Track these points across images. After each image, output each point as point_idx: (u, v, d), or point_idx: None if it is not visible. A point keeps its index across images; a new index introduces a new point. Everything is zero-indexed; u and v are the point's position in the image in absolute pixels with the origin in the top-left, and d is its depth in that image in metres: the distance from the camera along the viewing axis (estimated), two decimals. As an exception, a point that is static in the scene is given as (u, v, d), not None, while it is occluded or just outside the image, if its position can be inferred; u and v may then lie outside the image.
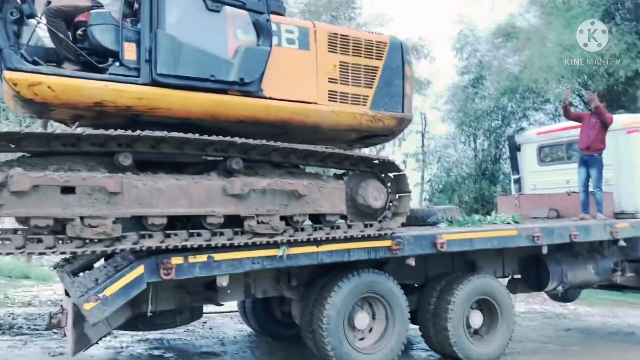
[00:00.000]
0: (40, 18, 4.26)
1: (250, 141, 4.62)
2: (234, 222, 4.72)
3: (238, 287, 5.34)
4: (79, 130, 4.36)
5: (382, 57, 5.51)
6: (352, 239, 5.25)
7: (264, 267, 4.97)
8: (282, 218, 4.86)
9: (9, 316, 8.50)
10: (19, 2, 4.20)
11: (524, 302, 10.72)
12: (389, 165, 5.49)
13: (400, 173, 5.54)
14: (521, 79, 16.67)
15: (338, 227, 5.24)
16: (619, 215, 7.24)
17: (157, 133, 4.26)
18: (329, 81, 5.23)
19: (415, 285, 6.31)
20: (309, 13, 16.81)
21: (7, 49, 3.92)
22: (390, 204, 5.54)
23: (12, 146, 4.08)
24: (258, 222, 4.70)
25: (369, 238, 5.34)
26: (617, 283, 7.52)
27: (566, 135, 8.17)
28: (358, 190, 5.32)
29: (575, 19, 14.27)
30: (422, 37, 19.86)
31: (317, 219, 5.16)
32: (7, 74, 3.93)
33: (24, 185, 3.78)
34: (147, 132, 4.17)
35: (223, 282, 4.84)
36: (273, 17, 4.89)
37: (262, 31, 4.75)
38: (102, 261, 5.49)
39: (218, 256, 4.66)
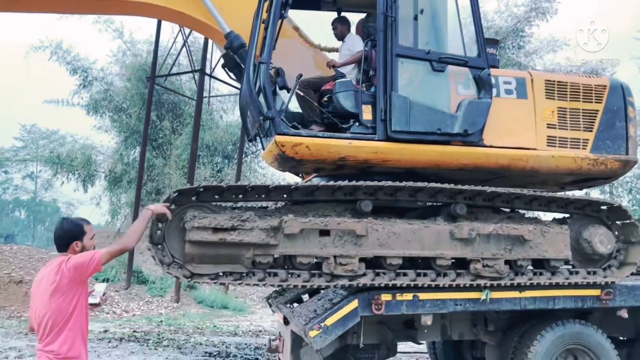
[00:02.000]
0: (294, 89, 5.17)
1: (479, 188, 5.06)
2: (459, 264, 5.15)
3: (436, 327, 5.45)
4: (328, 183, 5.08)
5: (601, 100, 5.61)
6: (557, 286, 5.27)
7: (466, 309, 5.16)
8: (506, 262, 5.15)
9: (223, 344, 9.64)
10: (273, 76, 5.19)
11: None
12: (618, 211, 5.49)
13: (631, 221, 5.46)
14: None
15: (560, 273, 5.35)
16: None
17: (397, 183, 4.92)
18: (548, 127, 5.46)
19: (623, 338, 6.07)
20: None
21: (277, 118, 4.98)
22: (617, 252, 5.50)
23: (285, 196, 5.09)
24: (483, 266, 5.06)
25: (575, 286, 5.32)
26: None
27: None
28: (583, 235, 5.39)
29: None
30: (603, 59, 18.82)
31: (540, 264, 5.36)
32: (278, 137, 4.93)
33: (295, 229, 4.71)
34: (389, 182, 4.87)
35: (428, 321, 5.11)
36: (491, 70, 5.34)
37: (483, 85, 5.23)
38: (307, 295, 6.18)
39: (423, 295, 4.97)
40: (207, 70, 16.66)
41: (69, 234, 3.48)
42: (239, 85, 19.54)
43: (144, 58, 22.82)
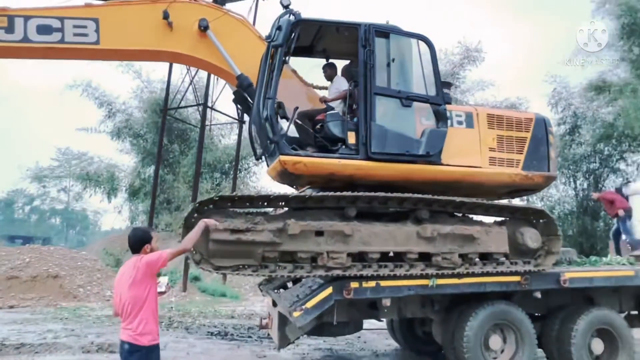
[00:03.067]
0: (292, 119, 5.17)
1: (434, 197, 5.10)
2: (423, 258, 5.14)
3: (393, 308, 5.39)
4: (324, 193, 5.02)
5: (529, 129, 5.67)
6: (487, 273, 5.25)
7: (417, 293, 5.16)
8: (460, 255, 5.19)
9: (222, 325, 9.43)
10: (276, 107, 5.14)
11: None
12: (540, 214, 5.60)
13: (551, 219, 5.55)
14: (616, 127, 15.70)
15: (502, 264, 5.37)
16: None
17: (372, 194, 4.94)
18: (489, 150, 5.49)
19: (538, 314, 6.04)
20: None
21: (281, 141, 4.96)
22: (543, 245, 5.54)
23: (283, 204, 5.05)
24: (442, 258, 5.10)
25: (501, 274, 5.31)
26: None
27: None
28: (517, 234, 5.44)
29: None
30: (520, 97, 19.53)
31: (486, 257, 5.38)
32: (281, 157, 4.91)
33: (296, 230, 4.71)
34: (364, 193, 4.90)
35: (387, 303, 5.12)
36: (447, 106, 5.39)
37: (441, 117, 5.28)
38: (291, 283, 6.01)
39: (383, 283, 4.96)
40: (209, 104, 16.62)
41: (141, 239, 3.57)
42: (235, 116, 19.46)
43: (157, 94, 22.71)
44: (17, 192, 60.75)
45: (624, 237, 7.88)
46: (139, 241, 3.54)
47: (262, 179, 24.69)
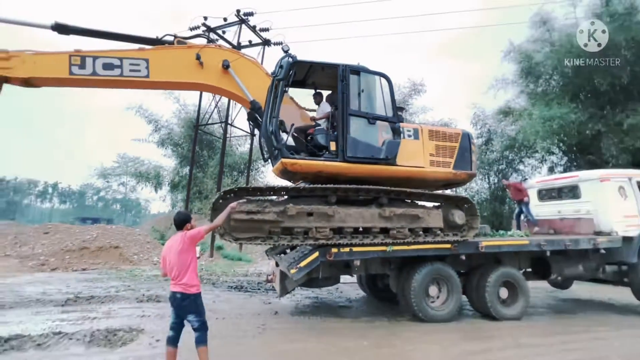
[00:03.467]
0: (290, 132, 5.16)
1: (391, 188, 5.16)
2: (383, 231, 5.22)
3: (362, 267, 5.47)
4: (314, 185, 5.08)
5: (458, 141, 5.72)
6: (427, 242, 5.30)
7: (379, 256, 5.23)
8: (409, 230, 5.25)
9: (239, 281, 9.26)
10: (278, 124, 5.07)
11: (532, 283, 9.77)
12: (465, 201, 5.66)
13: (472, 204, 5.61)
14: (517, 139, 15.99)
15: (438, 235, 5.42)
16: (598, 233, 6.71)
17: (347, 186, 4.98)
18: (430, 155, 5.53)
19: (463, 271, 6.11)
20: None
21: (283, 148, 4.93)
22: (467, 222, 5.61)
23: (284, 193, 5.00)
24: (397, 232, 5.17)
25: (437, 242, 5.35)
26: (599, 278, 6.90)
27: (556, 183, 7.81)
28: (449, 215, 5.52)
29: (552, 100, 13.40)
30: (451, 118, 19.76)
31: (428, 230, 5.44)
32: (283, 160, 4.88)
33: (294, 212, 4.70)
34: (341, 186, 4.94)
35: (357, 263, 5.22)
36: (400, 124, 5.40)
37: (396, 132, 5.29)
38: (289, 250, 6.00)
39: (355, 249, 5.05)
40: (229, 122, 16.42)
41: (184, 220, 3.50)
42: (248, 131, 19.09)
43: (191, 114, 22.32)
44: (88, 185, 63.60)
45: (523, 217, 8.01)
46: (183, 221, 3.49)
47: (268, 176, 24.54)
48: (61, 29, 5.30)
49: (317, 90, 6.06)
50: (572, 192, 7.54)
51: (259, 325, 5.11)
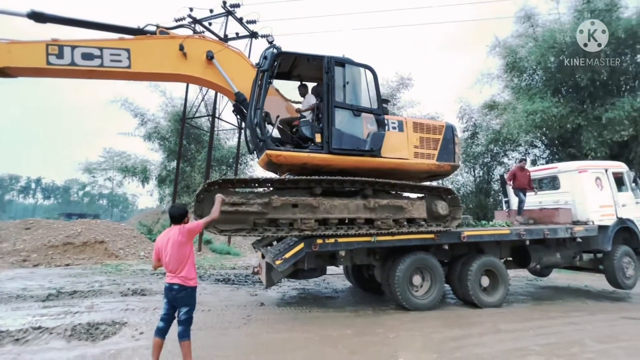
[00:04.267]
0: (275, 124, 5.14)
1: (375, 180, 5.17)
2: (368, 222, 5.24)
3: (347, 257, 5.50)
4: (299, 177, 5.06)
5: (441, 133, 5.75)
6: (411, 232, 5.30)
7: (364, 246, 5.26)
8: (393, 220, 5.28)
9: (226, 274, 9.22)
10: (263, 116, 5.04)
11: (513, 272, 9.96)
12: (448, 192, 5.74)
13: (455, 195, 5.67)
14: (502, 133, 16.24)
15: (422, 226, 5.48)
16: (575, 223, 6.89)
17: (332, 177, 4.96)
18: (414, 147, 5.56)
19: (446, 260, 6.14)
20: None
21: (267, 140, 4.89)
22: (450, 212, 5.67)
23: (269, 185, 4.95)
24: (381, 223, 5.20)
25: (421, 232, 5.37)
26: (576, 265, 7.13)
27: (537, 174, 7.92)
28: (432, 205, 5.58)
29: (535, 95, 13.63)
30: (438, 112, 19.95)
31: (412, 221, 5.49)
32: (268, 152, 4.84)
33: (278, 203, 4.68)
34: (326, 177, 4.91)
35: (343, 253, 5.24)
36: (385, 116, 5.42)
37: (381, 124, 5.30)
38: (275, 242, 5.96)
39: (340, 240, 5.05)
40: (217, 115, 16.21)
41: (182, 213, 3.49)
42: (236, 124, 18.94)
43: (178, 107, 21.85)
44: (72, 181, 62.46)
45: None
46: (181, 215, 3.47)
47: (257, 170, 24.30)
48: (37, 17, 5.09)
49: (303, 82, 6.01)
50: (551, 183, 7.72)
51: (244, 317, 5.10)
